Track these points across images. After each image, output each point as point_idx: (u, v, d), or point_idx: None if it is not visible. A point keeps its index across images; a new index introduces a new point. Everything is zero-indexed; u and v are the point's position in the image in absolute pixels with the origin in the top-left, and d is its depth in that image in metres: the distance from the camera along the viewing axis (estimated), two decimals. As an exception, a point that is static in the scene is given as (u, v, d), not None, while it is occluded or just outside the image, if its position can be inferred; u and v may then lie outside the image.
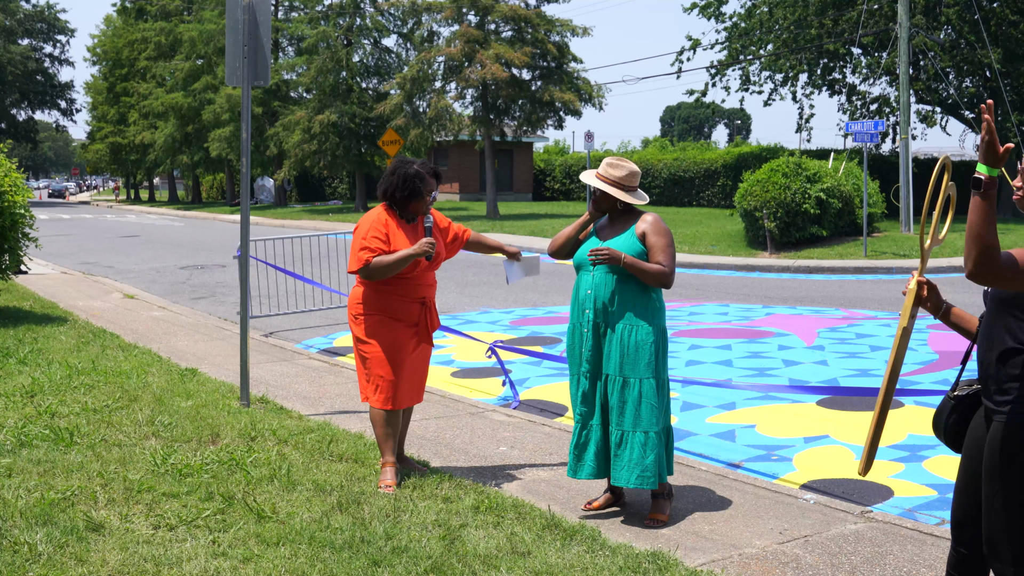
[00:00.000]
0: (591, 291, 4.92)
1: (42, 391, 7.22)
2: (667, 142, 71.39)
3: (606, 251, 4.80)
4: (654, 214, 5.01)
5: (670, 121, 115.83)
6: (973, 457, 3.24)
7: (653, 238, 4.89)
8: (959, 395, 3.32)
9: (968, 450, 3.27)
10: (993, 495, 3.09)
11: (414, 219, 5.45)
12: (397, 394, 5.33)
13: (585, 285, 4.97)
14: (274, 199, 49.14)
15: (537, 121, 32.87)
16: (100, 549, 4.24)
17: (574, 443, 5.00)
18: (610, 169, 4.94)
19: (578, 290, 5.03)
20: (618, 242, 4.92)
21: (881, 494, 5.52)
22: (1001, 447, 3.06)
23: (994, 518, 3.10)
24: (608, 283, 4.88)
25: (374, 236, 5.27)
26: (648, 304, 4.88)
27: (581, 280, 5.02)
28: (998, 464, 3.06)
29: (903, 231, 23.08)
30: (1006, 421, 3.05)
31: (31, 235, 11.50)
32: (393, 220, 5.38)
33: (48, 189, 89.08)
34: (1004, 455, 3.05)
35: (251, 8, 6.97)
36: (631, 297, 4.86)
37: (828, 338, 10.42)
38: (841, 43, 29.61)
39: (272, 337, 10.77)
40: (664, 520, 4.85)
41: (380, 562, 4.14)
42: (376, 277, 5.25)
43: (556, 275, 17.06)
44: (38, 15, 70.45)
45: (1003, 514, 3.08)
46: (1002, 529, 3.09)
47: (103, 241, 27.23)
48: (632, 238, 4.91)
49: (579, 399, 5.00)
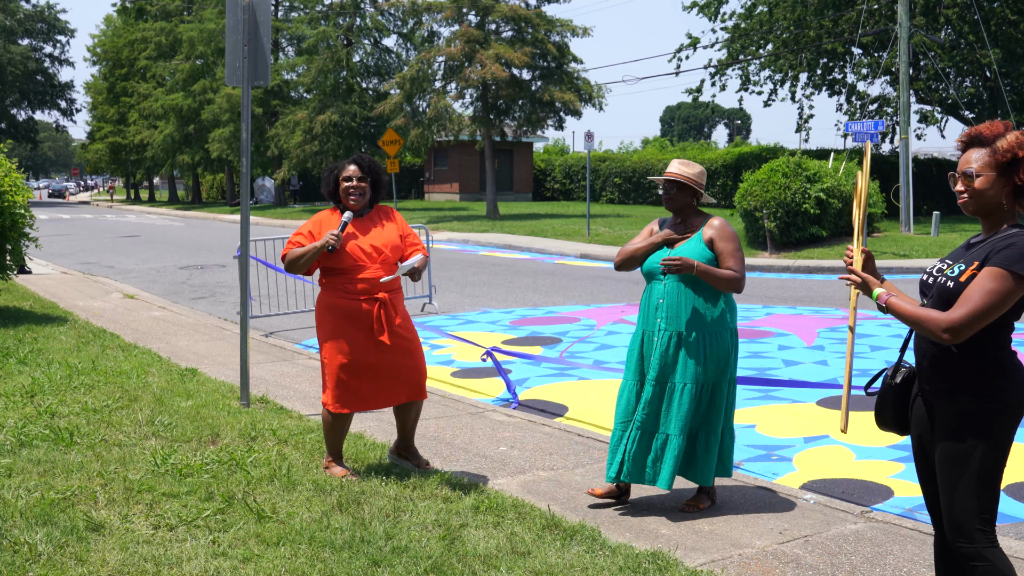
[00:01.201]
0: (663, 299, 4.95)
1: (42, 391, 7.22)
2: (667, 142, 71.45)
3: (678, 260, 4.82)
4: (720, 218, 5.04)
5: (670, 121, 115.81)
6: (923, 437, 3.39)
7: (721, 243, 4.94)
8: (898, 382, 3.45)
9: (916, 430, 3.41)
10: (955, 480, 3.21)
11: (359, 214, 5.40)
12: (348, 397, 5.27)
13: (657, 293, 5.00)
14: (274, 199, 49.15)
15: (537, 121, 32.87)
16: (100, 549, 4.24)
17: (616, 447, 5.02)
18: (684, 168, 5.01)
19: (649, 297, 5.04)
20: (687, 248, 4.95)
21: (881, 494, 5.52)
22: (955, 435, 3.20)
23: (959, 501, 3.21)
24: (680, 291, 4.92)
25: (302, 232, 5.38)
26: (719, 309, 4.93)
27: (652, 288, 5.04)
28: (956, 450, 3.20)
29: (903, 231, 23.08)
30: (957, 410, 3.20)
31: (31, 235, 11.50)
32: (328, 213, 5.45)
33: (48, 189, 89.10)
34: (960, 441, 3.18)
35: (251, 8, 6.97)
36: (703, 303, 4.90)
37: (828, 338, 10.42)
38: (841, 43, 29.62)
39: (272, 337, 10.77)
40: (703, 508, 5.02)
41: (380, 562, 4.14)
42: (292, 269, 5.34)
43: (556, 275, 17.05)
44: (38, 15, 70.46)
45: (968, 496, 3.19)
46: (967, 510, 3.20)
47: (103, 241, 27.23)
48: (700, 244, 4.95)
49: (637, 403, 4.99)
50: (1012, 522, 5.09)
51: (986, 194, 3.19)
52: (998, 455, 3.20)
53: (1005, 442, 3.20)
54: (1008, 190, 3.19)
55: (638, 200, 43.28)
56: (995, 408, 3.16)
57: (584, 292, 14.65)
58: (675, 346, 4.91)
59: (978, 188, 3.20)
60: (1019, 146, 3.15)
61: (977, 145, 3.23)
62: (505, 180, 46.97)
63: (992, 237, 3.21)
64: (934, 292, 3.27)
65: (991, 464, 3.19)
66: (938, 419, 3.28)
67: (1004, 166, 3.17)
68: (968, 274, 3.16)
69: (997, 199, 3.19)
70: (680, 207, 5.04)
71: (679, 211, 5.07)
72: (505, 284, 15.61)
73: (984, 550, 3.19)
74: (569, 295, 14.29)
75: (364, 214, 5.44)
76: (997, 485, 3.23)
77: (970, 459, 3.18)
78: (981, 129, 3.23)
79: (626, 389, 5.06)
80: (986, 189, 3.19)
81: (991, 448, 3.17)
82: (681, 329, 4.90)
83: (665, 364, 4.91)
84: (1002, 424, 3.18)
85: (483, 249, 23.27)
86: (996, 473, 3.21)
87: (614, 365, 9.00)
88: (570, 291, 14.77)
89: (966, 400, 3.19)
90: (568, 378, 8.62)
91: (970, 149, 3.25)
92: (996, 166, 3.17)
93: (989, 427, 3.17)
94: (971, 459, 3.18)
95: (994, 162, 3.17)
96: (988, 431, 3.17)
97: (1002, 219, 3.23)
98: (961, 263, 3.23)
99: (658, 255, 5.01)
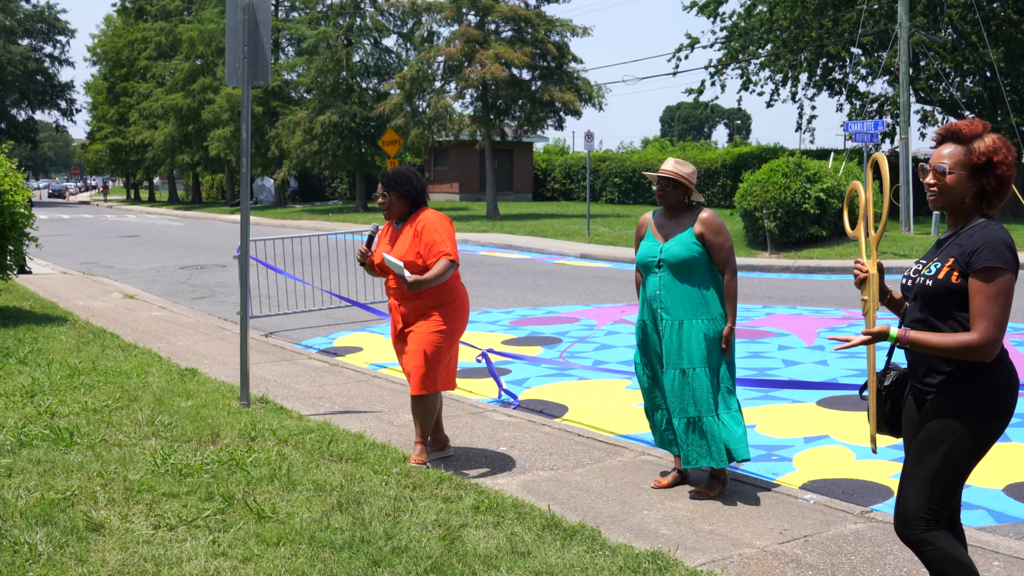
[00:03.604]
0: (659, 291, 5.26)
1: (42, 391, 7.22)
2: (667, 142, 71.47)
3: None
4: (710, 211, 5.32)
5: (670, 121, 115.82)
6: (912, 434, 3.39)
7: (711, 237, 5.21)
8: (888, 384, 3.48)
9: (907, 431, 3.43)
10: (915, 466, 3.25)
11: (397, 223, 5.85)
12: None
13: (653, 285, 5.30)
14: (274, 199, 49.14)
15: (537, 121, 32.86)
16: (100, 549, 4.24)
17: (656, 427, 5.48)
18: (678, 167, 5.28)
19: (646, 290, 5.36)
20: (678, 242, 5.23)
21: (881, 494, 5.52)
22: (932, 422, 3.23)
23: (912, 488, 3.25)
24: (673, 282, 5.23)
25: None
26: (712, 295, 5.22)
27: (648, 281, 5.34)
28: (926, 436, 3.23)
29: (903, 231, 23.08)
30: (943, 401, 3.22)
31: (31, 235, 11.50)
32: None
33: (48, 189, 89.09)
34: (935, 428, 3.21)
35: (251, 8, 6.97)
36: (697, 292, 5.21)
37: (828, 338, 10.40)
38: (841, 44, 29.61)
39: (272, 337, 10.77)
40: (712, 496, 5.23)
41: (380, 562, 4.14)
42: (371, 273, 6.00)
43: (556, 275, 17.06)
44: (38, 15, 70.44)
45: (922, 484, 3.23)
46: (917, 497, 3.23)
47: (103, 241, 27.23)
48: (691, 239, 5.22)
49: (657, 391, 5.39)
50: (1012, 522, 5.09)
51: (955, 191, 3.24)
52: (968, 455, 3.19)
53: (981, 443, 3.19)
54: (975, 191, 3.23)
55: (638, 200, 43.27)
56: (980, 400, 3.16)
57: (584, 292, 14.65)
58: (677, 333, 5.19)
59: (948, 184, 3.24)
60: (995, 151, 3.19)
61: (953, 141, 3.26)
62: (505, 180, 46.97)
63: (961, 232, 3.25)
64: (915, 293, 3.30)
65: (957, 460, 3.19)
66: (925, 410, 3.29)
67: (977, 167, 3.21)
68: (944, 271, 3.19)
69: (963, 197, 3.24)
70: (673, 203, 5.34)
71: (672, 207, 5.36)
72: (505, 284, 15.61)
73: (924, 534, 3.23)
74: (569, 295, 14.29)
75: (403, 222, 5.80)
76: (956, 482, 3.22)
77: (938, 447, 3.19)
78: (960, 126, 3.25)
79: (643, 377, 5.43)
80: (955, 186, 3.23)
81: (963, 445, 3.17)
82: (682, 317, 5.19)
83: (672, 351, 5.20)
84: (986, 429, 3.18)
85: (483, 249, 23.27)
86: (960, 469, 3.21)
87: (614, 365, 9.00)
88: (570, 291, 14.77)
89: (954, 390, 3.20)
90: (568, 378, 8.62)
91: (945, 144, 3.28)
92: (969, 166, 3.21)
93: (971, 426, 3.17)
94: (939, 448, 3.19)
95: (968, 162, 3.21)
96: (968, 428, 3.17)
97: (967, 216, 3.27)
98: (936, 261, 3.26)
99: (652, 249, 5.30)
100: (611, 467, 5.78)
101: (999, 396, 3.17)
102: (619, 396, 7.94)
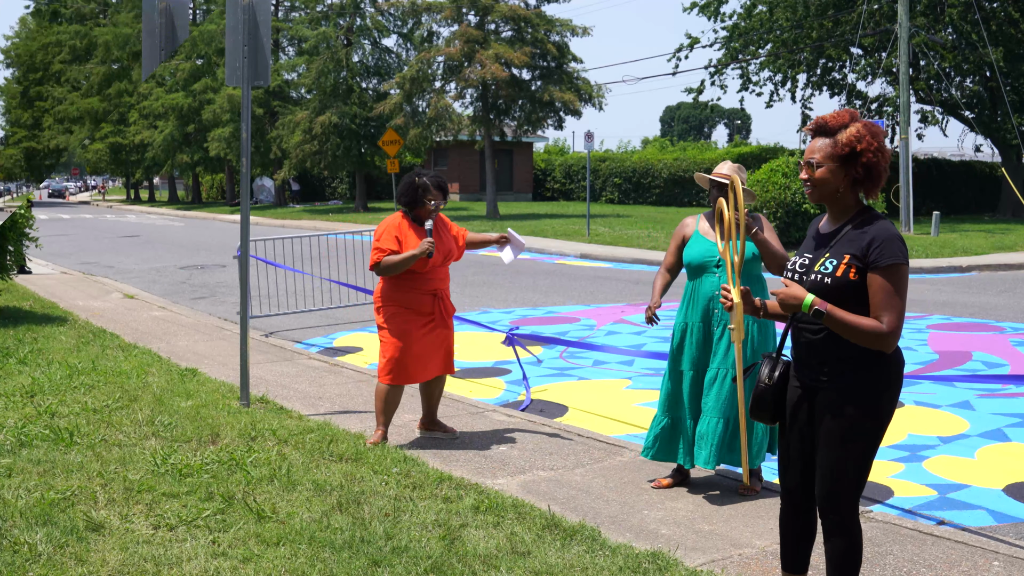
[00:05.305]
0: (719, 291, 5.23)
1: (42, 391, 7.22)
2: (667, 142, 71.41)
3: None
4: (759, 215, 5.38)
5: (670, 121, 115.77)
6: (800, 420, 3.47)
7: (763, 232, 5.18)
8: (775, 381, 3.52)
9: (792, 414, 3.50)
10: (840, 452, 3.31)
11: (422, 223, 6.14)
12: (401, 373, 6.08)
13: (711, 285, 5.28)
14: (274, 199, 49.14)
15: (537, 121, 32.87)
16: (100, 549, 4.24)
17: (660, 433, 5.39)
18: (741, 173, 5.36)
19: (698, 289, 5.33)
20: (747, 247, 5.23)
21: (881, 494, 5.52)
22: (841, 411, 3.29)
23: (841, 473, 3.32)
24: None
25: (388, 238, 6.03)
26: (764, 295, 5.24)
27: (703, 281, 5.32)
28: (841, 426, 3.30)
29: (903, 231, 23.08)
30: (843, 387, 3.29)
31: (31, 235, 11.51)
32: (406, 223, 6.12)
33: (48, 189, 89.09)
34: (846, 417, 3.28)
35: (251, 8, 6.97)
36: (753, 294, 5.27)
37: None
38: (841, 45, 29.60)
39: (272, 337, 10.77)
40: (757, 491, 5.28)
41: (380, 562, 4.14)
42: (387, 273, 6.03)
43: (556, 275, 17.05)
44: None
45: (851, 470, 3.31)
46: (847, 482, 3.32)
47: (103, 241, 27.23)
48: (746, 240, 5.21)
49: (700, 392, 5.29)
50: (1012, 522, 5.08)
51: (827, 184, 3.28)
52: (881, 430, 3.31)
53: (888, 415, 3.31)
54: (848, 181, 3.28)
55: (638, 200, 43.29)
56: (880, 383, 3.26)
57: (584, 292, 14.65)
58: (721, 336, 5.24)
59: (819, 178, 3.28)
60: (858, 139, 3.22)
61: (822, 135, 3.31)
62: (505, 180, 46.97)
63: (847, 226, 3.30)
64: (808, 289, 3.32)
65: (874, 439, 3.30)
66: (820, 399, 3.36)
67: (843, 158, 3.25)
68: (843, 268, 3.24)
69: (837, 188, 3.29)
70: None
71: None
72: (505, 284, 15.61)
73: (850, 522, 3.34)
74: (569, 295, 14.29)
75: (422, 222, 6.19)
76: (872, 459, 3.35)
77: (855, 434, 3.28)
78: (827, 118, 3.31)
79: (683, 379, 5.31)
80: (827, 179, 3.28)
81: (877, 423, 3.28)
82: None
83: (722, 351, 5.20)
84: (891, 398, 3.29)
85: (483, 249, 23.27)
86: (877, 446, 3.33)
87: (614, 365, 9.00)
88: (570, 291, 14.77)
89: (851, 377, 3.27)
90: (568, 378, 8.62)
91: (816, 138, 3.31)
92: (836, 157, 3.25)
93: (877, 402, 3.26)
94: (856, 434, 3.28)
95: (835, 153, 3.26)
96: (876, 406, 3.26)
97: (847, 207, 3.32)
98: (830, 258, 3.30)
99: (709, 249, 5.29)
100: (611, 467, 5.78)
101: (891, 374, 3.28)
102: (619, 396, 7.94)
